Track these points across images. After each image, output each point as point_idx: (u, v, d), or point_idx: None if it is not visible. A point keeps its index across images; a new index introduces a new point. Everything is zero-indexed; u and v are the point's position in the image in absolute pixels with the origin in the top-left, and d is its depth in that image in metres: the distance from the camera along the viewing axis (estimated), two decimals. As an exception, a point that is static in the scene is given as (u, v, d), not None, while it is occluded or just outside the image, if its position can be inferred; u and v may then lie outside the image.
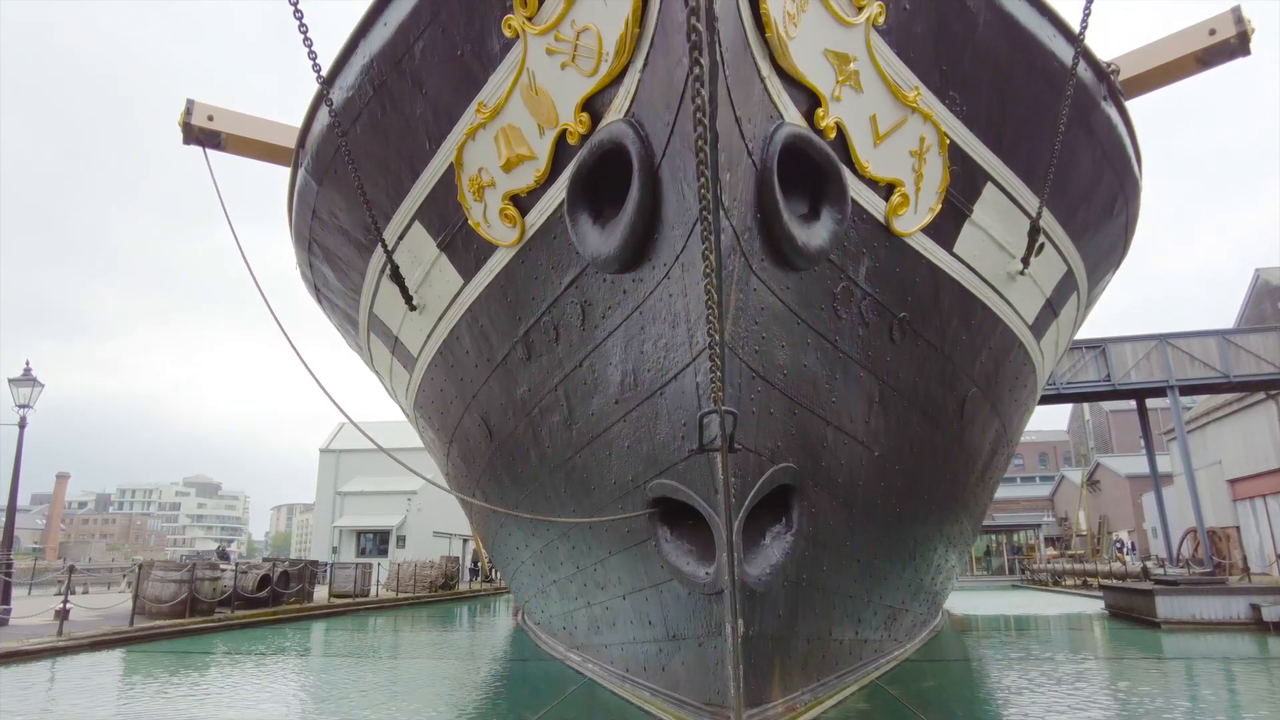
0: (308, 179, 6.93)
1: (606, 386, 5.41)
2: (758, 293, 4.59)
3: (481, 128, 5.13)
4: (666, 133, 4.16)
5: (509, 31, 4.59)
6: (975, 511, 10.43)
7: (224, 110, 8.93)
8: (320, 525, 43.67)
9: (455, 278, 6.33)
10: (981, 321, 6.84)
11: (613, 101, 4.40)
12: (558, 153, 4.89)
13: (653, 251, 4.53)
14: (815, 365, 5.20)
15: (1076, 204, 7.00)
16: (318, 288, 8.84)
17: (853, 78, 4.61)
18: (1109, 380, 20.55)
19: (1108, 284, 9.49)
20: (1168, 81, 7.84)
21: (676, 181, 4.21)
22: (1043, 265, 7.08)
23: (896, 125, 4.98)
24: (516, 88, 4.79)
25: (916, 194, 5.37)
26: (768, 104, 4.26)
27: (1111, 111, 6.54)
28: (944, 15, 4.97)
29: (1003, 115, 5.63)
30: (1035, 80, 5.58)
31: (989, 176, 5.83)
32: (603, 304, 5.15)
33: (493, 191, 5.41)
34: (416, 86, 5.32)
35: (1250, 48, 7.59)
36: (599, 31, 4.21)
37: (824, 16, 4.35)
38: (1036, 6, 5.45)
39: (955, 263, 6.08)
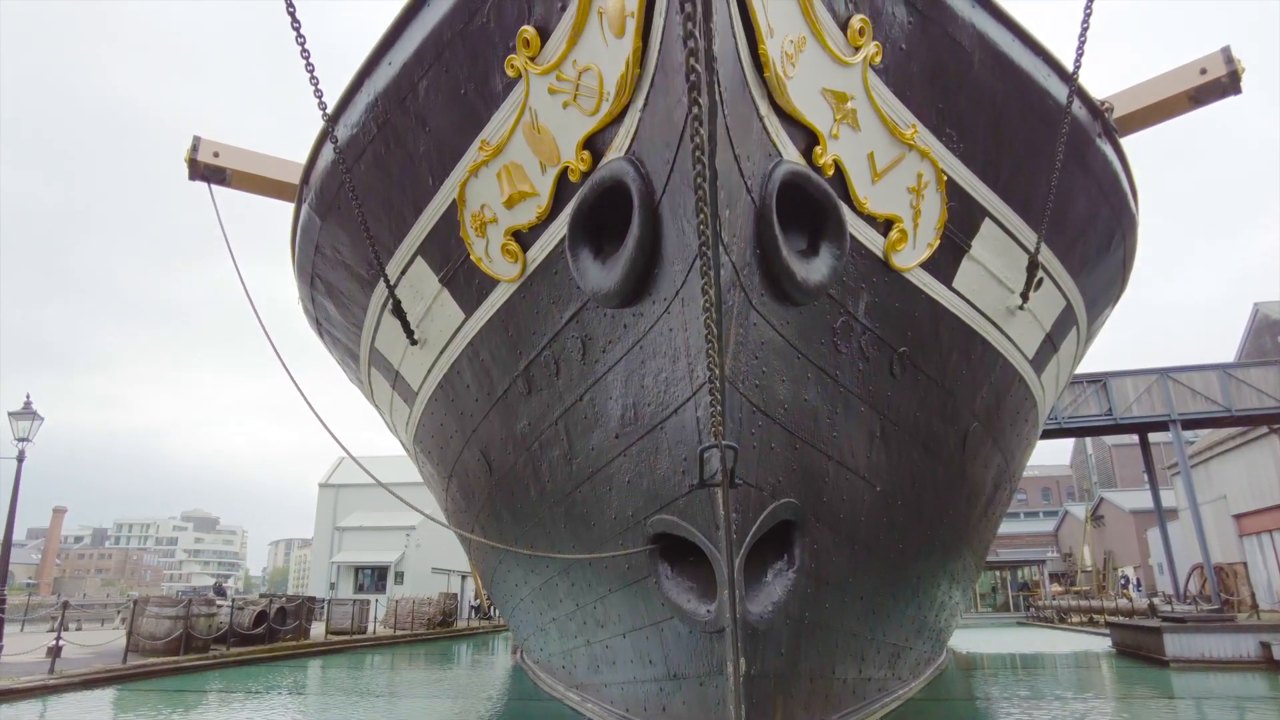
0: (311, 214, 6.99)
1: (607, 421, 5.40)
2: (757, 327, 4.60)
3: (484, 165, 5.19)
4: (666, 170, 4.21)
5: (512, 71, 4.67)
6: (979, 547, 10.34)
7: (229, 146, 9.05)
8: (318, 560, 43.29)
9: (457, 312, 6.35)
10: (982, 356, 6.85)
11: (613, 140, 4.45)
12: (559, 189, 4.94)
13: (653, 286, 4.55)
14: (816, 400, 5.19)
15: (1074, 239, 7.05)
16: (319, 322, 8.87)
17: (850, 116, 4.67)
18: (1110, 414, 20.51)
19: (1107, 318, 9.52)
20: (1161, 119, 7.93)
21: (676, 218, 4.25)
22: (1042, 300, 7.11)
23: (894, 162, 5.04)
24: (519, 126, 4.86)
25: (915, 230, 5.40)
26: (766, 142, 4.31)
27: (1106, 148, 6.62)
28: (940, 55, 5.05)
29: (999, 152, 5.70)
30: (1031, 118, 5.66)
31: (987, 212, 5.88)
32: (603, 338, 5.17)
33: (495, 228, 5.46)
34: (420, 124, 5.39)
35: (1241, 87, 7.69)
36: (600, 72, 4.27)
37: (822, 56, 4.42)
38: (1030, 46, 5.55)
39: (955, 298, 6.10)
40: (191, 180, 8.99)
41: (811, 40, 4.35)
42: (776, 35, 4.11)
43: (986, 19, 5.24)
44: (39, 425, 14.58)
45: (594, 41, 4.26)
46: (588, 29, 4.26)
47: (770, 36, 4.05)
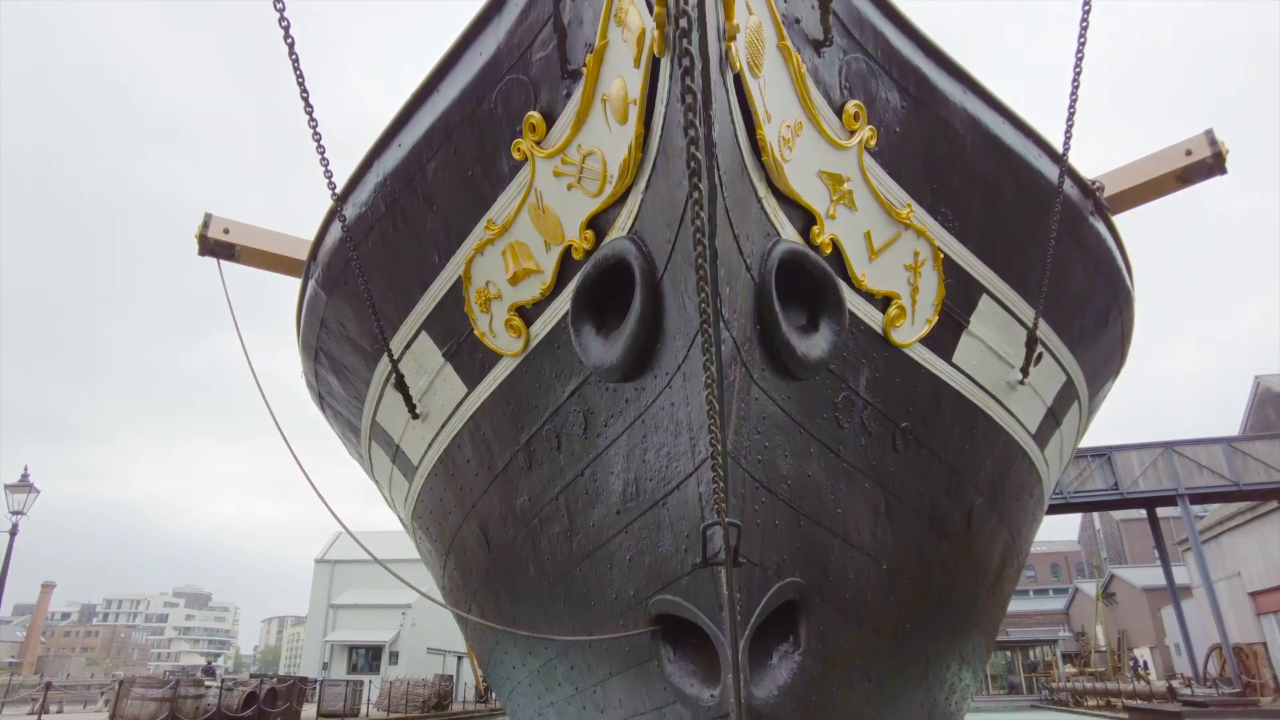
0: (317, 290, 7.09)
1: (608, 496, 5.35)
2: (759, 402, 4.61)
3: (490, 243, 5.30)
4: (668, 249, 4.30)
5: (518, 154, 4.83)
6: (988, 626, 10.08)
7: (238, 223, 9.26)
8: (312, 639, 42.16)
9: (459, 386, 6.38)
10: (984, 431, 6.83)
11: (616, 220, 4.57)
12: (563, 267, 5.04)
13: (655, 361, 4.59)
14: (819, 475, 5.16)
15: (1072, 315, 7.12)
16: (322, 396, 8.90)
17: (846, 197, 4.79)
18: (1117, 488, 20.31)
19: (1108, 393, 9.52)
20: (1151, 198, 8.13)
21: (678, 294, 4.31)
22: (1042, 375, 7.13)
23: (891, 241, 5.14)
24: (524, 206, 4.99)
25: (913, 306, 5.47)
26: (765, 222, 4.41)
27: (1099, 226, 6.76)
28: (933, 137, 5.22)
29: (995, 230, 5.81)
30: (1024, 196, 5.80)
31: (984, 289, 5.97)
32: (605, 412, 5.17)
33: (499, 303, 5.54)
34: (428, 204, 5.53)
35: (1227, 167, 7.91)
36: (604, 155, 4.41)
37: (818, 140, 4.57)
38: (1021, 129, 5.73)
39: (955, 373, 6.13)
40: (201, 256, 9.15)
41: (808, 125, 4.51)
42: (774, 121, 4.25)
43: (977, 103, 5.44)
44: (34, 498, 14.45)
45: (598, 127, 4.41)
46: (592, 115, 4.43)
47: (768, 122, 4.19)
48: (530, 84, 4.82)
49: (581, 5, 4.49)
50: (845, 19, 4.72)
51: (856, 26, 4.80)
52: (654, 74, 4.00)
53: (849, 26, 4.74)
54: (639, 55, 4.00)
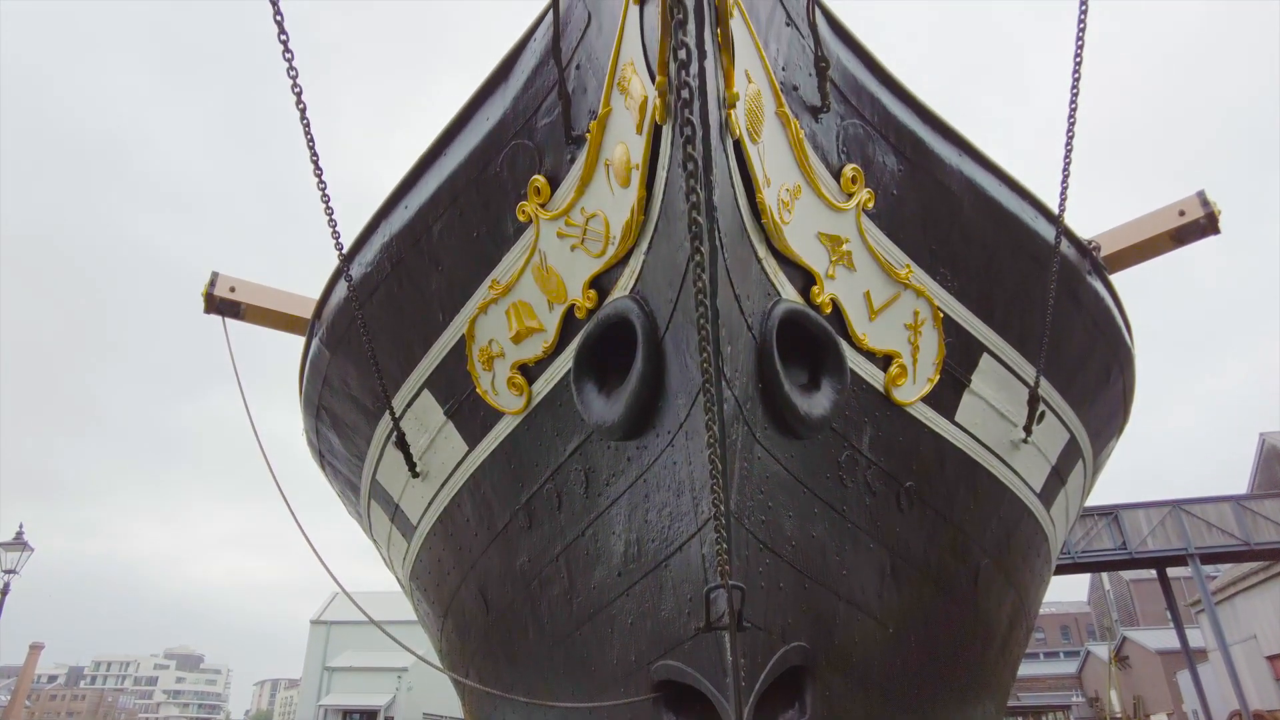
0: (321, 348, 7.14)
1: (610, 557, 5.28)
2: (762, 461, 4.59)
3: (494, 302, 5.37)
4: (670, 308, 4.34)
5: (523, 216, 4.93)
6: (998, 690, 9.81)
7: (245, 282, 9.36)
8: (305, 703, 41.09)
9: (460, 444, 6.36)
10: (989, 490, 6.78)
11: (619, 280, 4.63)
12: (565, 325, 5.10)
13: (657, 419, 4.59)
14: (824, 536, 5.10)
15: (1073, 373, 7.14)
16: (322, 454, 8.86)
17: (846, 258, 4.86)
18: (1125, 548, 20.00)
19: (1112, 450, 9.48)
20: (1147, 257, 8.23)
21: (680, 353, 4.34)
22: (1045, 433, 7.11)
23: (890, 300, 5.20)
24: (528, 267, 5.07)
25: (914, 365, 5.49)
26: (765, 282, 4.47)
27: (1097, 285, 6.83)
28: (930, 199, 5.32)
29: (994, 290, 5.87)
30: (1022, 257, 5.87)
31: (985, 347, 6.00)
32: (606, 471, 5.15)
33: (502, 362, 5.56)
34: (433, 264, 5.61)
35: (1220, 227, 8.02)
36: (606, 218, 4.50)
37: (816, 203, 4.66)
38: (1016, 190, 5.84)
39: (958, 431, 6.11)
40: (206, 314, 9.24)
41: (806, 188, 4.60)
42: (773, 185, 4.34)
43: (973, 166, 5.56)
44: (28, 557, 14.28)
45: (601, 190, 4.51)
46: (595, 179, 4.53)
47: (767, 186, 4.28)
48: (535, 148, 4.94)
49: (585, 74, 4.63)
50: (842, 86, 4.86)
51: (853, 93, 4.94)
52: (656, 140, 4.10)
53: (846, 93, 4.88)
54: (641, 122, 4.10)
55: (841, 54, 4.88)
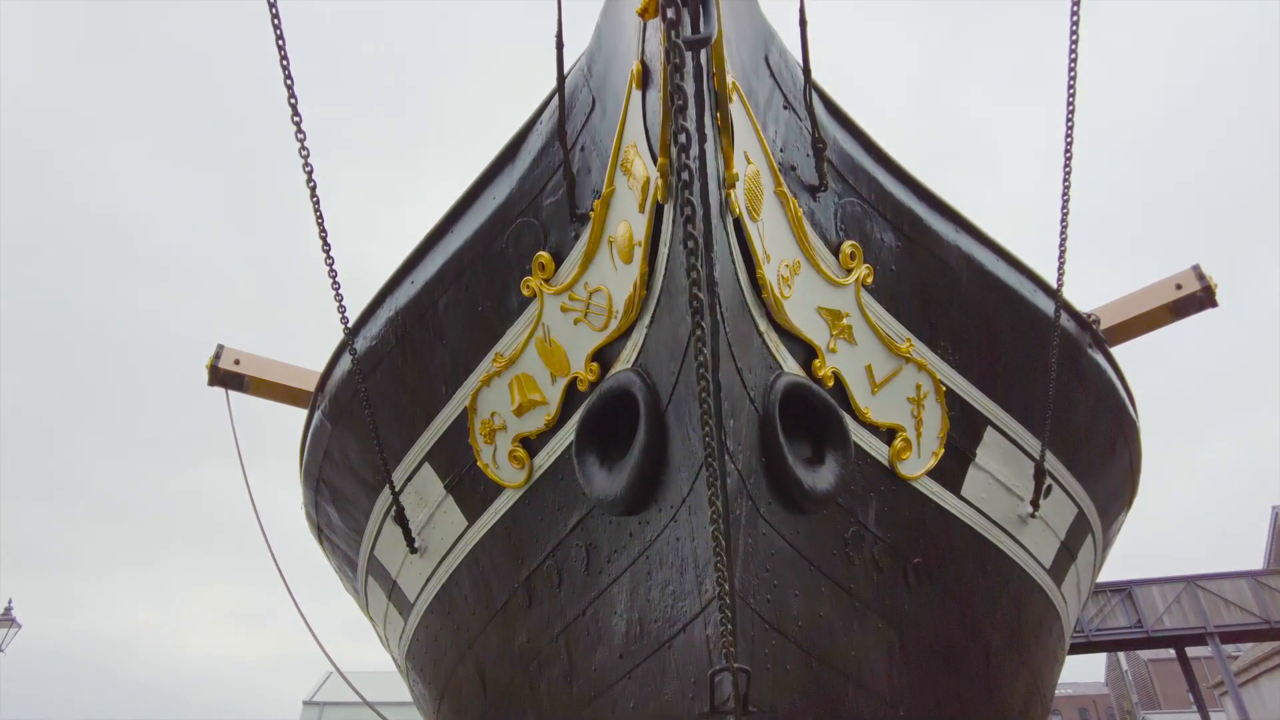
0: (323, 420, 7.13)
1: (611, 637, 5.15)
2: (766, 537, 4.52)
3: (497, 375, 5.40)
4: (672, 381, 4.36)
5: (527, 291, 5.02)
6: (1017, 781, 9.40)
7: (249, 355, 9.44)
8: (291, 791, 39.44)
9: (460, 519, 6.29)
10: (997, 566, 6.66)
11: (621, 353, 4.67)
12: (568, 398, 5.11)
13: (659, 494, 4.55)
14: (831, 614, 4.98)
15: (1078, 446, 7.09)
16: (320, 529, 8.75)
17: (846, 332, 4.91)
18: (1141, 626, 19.46)
19: (1122, 525, 9.33)
20: (1146, 330, 8.29)
21: (682, 426, 4.33)
22: (1053, 507, 7.02)
23: (892, 374, 5.21)
24: (532, 340, 5.13)
25: (918, 439, 5.47)
26: (767, 356, 4.49)
27: (1098, 358, 6.85)
28: (928, 274, 5.39)
29: (995, 363, 5.89)
30: (1022, 330, 5.92)
31: (988, 421, 5.98)
32: (608, 547, 5.07)
33: (503, 435, 5.56)
34: (438, 338, 5.67)
35: (1217, 300, 8.10)
36: (609, 292, 4.57)
37: (816, 278, 4.74)
38: (1014, 265, 5.93)
39: (965, 506, 6.04)
40: (210, 386, 9.28)
41: (806, 264, 4.68)
42: (773, 260, 4.42)
43: (970, 242, 5.65)
44: (15, 633, 13.95)
45: (604, 266, 4.59)
46: (598, 255, 4.62)
47: (767, 262, 4.35)
48: (540, 226, 5.06)
49: (590, 155, 4.77)
50: (839, 166, 4.99)
51: (850, 172, 5.07)
52: (658, 218, 4.20)
53: (843, 172, 5.00)
54: (643, 201, 4.21)
55: (838, 135, 5.03)
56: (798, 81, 4.81)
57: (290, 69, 4.22)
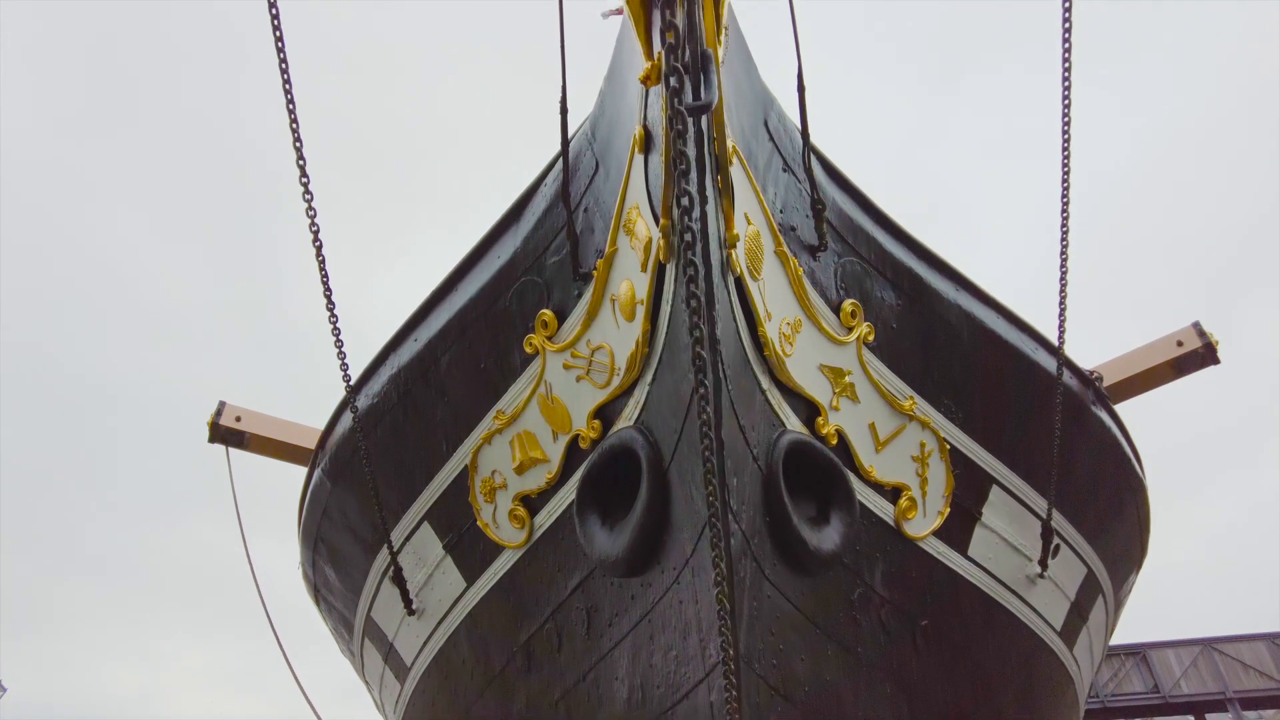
0: (323, 478, 7.09)
1: (612, 704, 5.02)
2: (772, 600, 4.45)
3: (498, 433, 5.39)
4: (674, 439, 4.34)
5: (529, 349, 5.05)
6: None
7: (251, 412, 9.42)
8: None
9: (459, 580, 6.20)
10: (1007, 627, 6.52)
11: (623, 410, 4.67)
12: (569, 456, 5.09)
13: (662, 555, 4.49)
14: (838, 679, 4.86)
15: (1085, 505, 7.01)
16: (318, 588, 8.62)
17: (849, 390, 4.91)
18: (1158, 691, 18.91)
19: (1133, 585, 9.16)
20: (1150, 387, 8.27)
21: (685, 484, 4.30)
22: (1062, 567, 6.91)
23: (896, 432, 5.20)
24: (534, 398, 5.13)
25: (923, 498, 5.43)
26: (769, 413, 4.49)
27: (1102, 415, 6.82)
28: (930, 332, 5.42)
29: (999, 421, 5.87)
30: (1025, 388, 5.91)
31: (993, 479, 5.93)
32: (609, 610, 4.99)
33: (504, 493, 5.52)
34: (440, 395, 5.68)
35: (1219, 358, 8.09)
36: (612, 350, 4.59)
37: (817, 336, 4.77)
38: (1014, 323, 5.95)
39: (972, 566, 5.95)
40: (211, 443, 9.24)
41: (807, 322, 4.71)
42: (774, 319, 4.44)
43: (970, 300, 5.69)
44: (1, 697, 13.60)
45: (606, 324, 4.63)
46: (601, 313, 4.67)
47: (768, 320, 4.38)
48: (544, 284, 5.12)
49: (593, 216, 4.85)
50: (838, 226, 5.06)
51: (849, 232, 5.14)
52: (660, 277, 4.24)
53: (842, 233, 5.07)
54: (646, 261, 4.26)
55: (837, 196, 5.11)
56: (796, 145, 4.92)
57: (300, 135, 4.33)
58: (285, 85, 4.26)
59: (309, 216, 4.63)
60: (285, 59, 4.18)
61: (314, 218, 4.64)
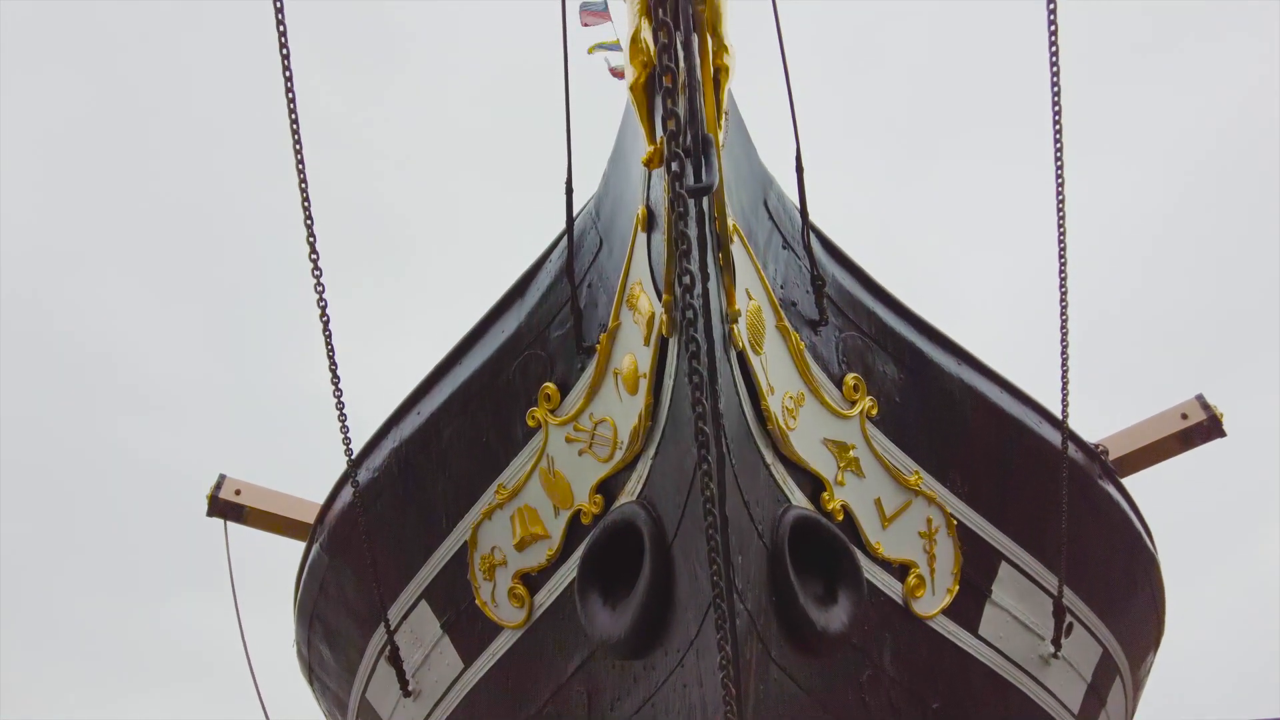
0: (321, 553, 7.01)
1: None
2: (778, 683, 4.34)
3: (499, 508, 5.36)
4: (678, 515, 4.30)
5: (532, 422, 5.06)
6: None
7: (251, 485, 9.34)
8: None
9: (456, 661, 6.06)
10: (1021, 711, 6.33)
11: (626, 484, 4.65)
12: (570, 532, 5.04)
13: (665, 636, 4.40)
14: None
15: (1097, 582, 6.88)
16: (312, 667, 8.40)
17: (854, 464, 4.90)
18: (1183, 779, 18.12)
19: (1152, 665, 8.90)
20: (1157, 460, 8.21)
21: (689, 561, 4.25)
22: (1076, 647, 6.74)
23: (902, 508, 5.16)
24: (535, 471, 5.12)
25: (931, 575, 5.35)
26: (774, 488, 4.47)
27: (1110, 489, 6.75)
28: (933, 406, 5.44)
29: (1006, 495, 5.83)
30: (1031, 462, 5.88)
31: (1002, 556, 5.86)
32: (610, 693, 4.87)
33: (504, 570, 5.45)
34: (441, 468, 5.66)
35: (1226, 430, 8.05)
36: (614, 423, 4.60)
37: (820, 410, 4.78)
38: (1018, 396, 5.96)
39: (983, 646, 5.82)
40: (209, 516, 9.14)
41: (810, 396, 4.73)
42: (777, 393, 4.47)
43: (973, 373, 5.71)
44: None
45: (609, 397, 4.65)
46: (604, 386, 4.70)
47: (771, 394, 4.40)
48: (548, 358, 5.17)
49: (597, 291, 4.93)
50: (838, 301, 5.13)
51: (849, 307, 5.20)
52: (662, 351, 4.28)
53: (842, 308, 5.14)
54: (648, 335, 4.31)
55: (836, 272, 5.20)
56: (796, 223, 5.03)
57: (311, 211, 4.44)
58: (299, 168, 4.39)
59: (317, 293, 4.71)
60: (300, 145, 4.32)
61: (322, 293, 4.73)
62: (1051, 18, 4.28)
